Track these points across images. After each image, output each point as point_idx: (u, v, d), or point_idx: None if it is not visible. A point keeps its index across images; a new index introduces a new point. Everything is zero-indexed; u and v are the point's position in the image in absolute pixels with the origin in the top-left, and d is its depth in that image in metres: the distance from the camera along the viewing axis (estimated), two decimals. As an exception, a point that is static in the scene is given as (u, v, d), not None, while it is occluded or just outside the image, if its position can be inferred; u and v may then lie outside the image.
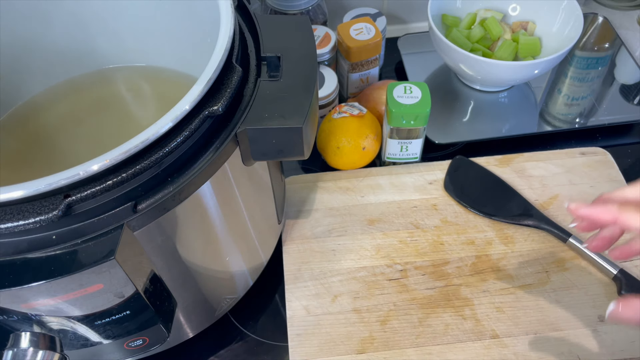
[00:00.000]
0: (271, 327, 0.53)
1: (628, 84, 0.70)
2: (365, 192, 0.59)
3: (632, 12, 0.79)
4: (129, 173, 0.32)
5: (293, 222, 0.57)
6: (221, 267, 0.46)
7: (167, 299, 0.40)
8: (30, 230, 0.31)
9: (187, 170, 0.35)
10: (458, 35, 0.66)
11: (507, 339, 0.48)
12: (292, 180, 0.60)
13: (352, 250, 0.55)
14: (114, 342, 0.39)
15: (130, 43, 0.53)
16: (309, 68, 0.40)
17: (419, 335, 0.49)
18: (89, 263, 0.31)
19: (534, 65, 0.60)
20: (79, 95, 0.53)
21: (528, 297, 0.51)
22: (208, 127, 0.36)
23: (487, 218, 0.57)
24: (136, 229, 0.34)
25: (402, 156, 0.61)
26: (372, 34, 0.62)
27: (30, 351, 0.34)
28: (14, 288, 0.30)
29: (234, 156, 0.38)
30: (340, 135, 0.59)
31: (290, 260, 0.54)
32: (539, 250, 0.54)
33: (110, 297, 0.34)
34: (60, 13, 0.49)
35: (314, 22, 0.67)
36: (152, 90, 0.54)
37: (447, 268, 0.53)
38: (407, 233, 0.56)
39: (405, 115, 0.55)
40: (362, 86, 0.68)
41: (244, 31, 0.42)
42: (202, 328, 0.49)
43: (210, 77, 0.34)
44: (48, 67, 0.52)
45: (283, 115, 0.37)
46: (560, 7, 0.66)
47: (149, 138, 0.31)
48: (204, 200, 0.38)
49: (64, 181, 0.29)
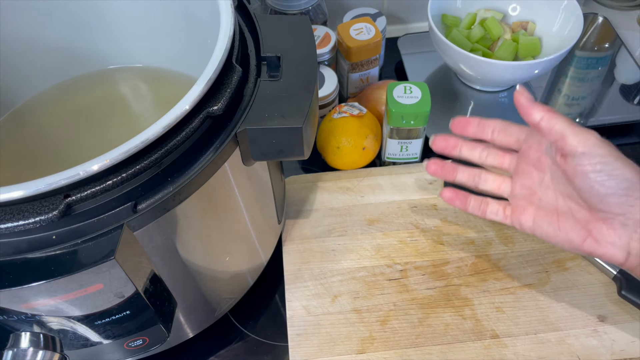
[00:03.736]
0: (271, 327, 0.53)
1: (628, 84, 0.70)
2: (365, 192, 0.59)
3: (632, 12, 0.79)
4: (129, 173, 0.32)
5: (293, 222, 0.57)
6: (221, 267, 0.46)
7: (167, 299, 0.40)
8: (30, 230, 0.31)
9: (187, 170, 0.35)
10: (458, 35, 0.66)
11: (507, 339, 0.48)
12: (292, 180, 0.60)
13: (352, 250, 0.55)
14: (114, 342, 0.39)
15: (130, 43, 0.53)
16: (309, 68, 0.40)
17: (419, 335, 0.49)
18: (89, 263, 0.31)
19: (534, 65, 0.60)
20: (79, 95, 0.53)
21: (528, 297, 0.51)
22: (208, 127, 0.36)
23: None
24: (136, 229, 0.34)
25: (402, 156, 0.61)
26: (372, 34, 0.62)
27: (30, 351, 0.34)
28: (14, 288, 0.30)
29: (234, 156, 0.38)
30: (340, 135, 0.59)
31: (290, 260, 0.54)
32: (539, 250, 0.54)
33: (110, 297, 0.34)
34: (60, 13, 0.49)
35: (314, 22, 0.67)
36: (151, 91, 0.54)
37: (447, 268, 0.53)
38: (407, 233, 0.56)
39: (405, 115, 0.55)
40: (362, 86, 0.68)
41: (244, 31, 0.42)
42: (202, 328, 0.49)
43: (210, 77, 0.34)
44: (48, 68, 0.52)
45: (283, 115, 0.37)
46: (560, 7, 0.66)
47: (149, 138, 0.31)
48: (203, 200, 0.38)
49: (64, 181, 0.29)
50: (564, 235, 0.41)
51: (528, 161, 0.44)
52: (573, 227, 0.40)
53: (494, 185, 0.47)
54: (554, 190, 0.42)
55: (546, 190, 0.42)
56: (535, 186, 0.43)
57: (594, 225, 0.39)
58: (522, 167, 0.44)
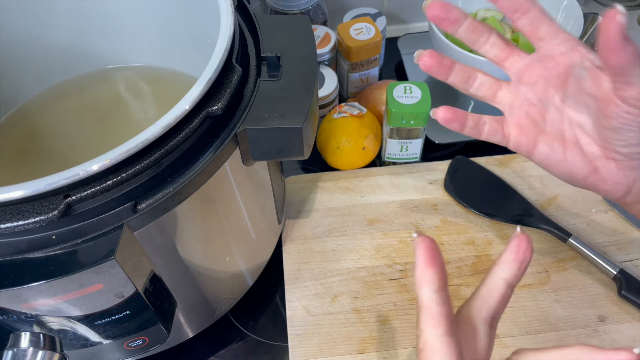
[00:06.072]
0: (271, 327, 0.53)
1: (628, 84, 0.70)
2: (365, 192, 0.59)
3: (632, 12, 0.79)
4: (129, 173, 0.32)
5: (293, 222, 0.57)
6: (221, 267, 0.46)
7: (167, 299, 0.40)
8: (30, 230, 0.31)
9: (187, 170, 0.35)
10: (458, 35, 0.66)
11: (507, 339, 0.48)
12: (292, 180, 0.60)
13: (352, 250, 0.55)
14: (114, 342, 0.39)
15: (130, 43, 0.53)
16: (309, 68, 0.40)
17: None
18: (88, 263, 0.31)
19: (534, 65, 0.60)
20: (79, 95, 0.53)
21: (528, 297, 0.51)
22: (208, 127, 0.36)
23: (487, 218, 0.57)
24: (136, 229, 0.34)
25: (402, 156, 0.61)
26: (372, 34, 0.62)
27: (30, 351, 0.34)
28: (14, 288, 0.30)
29: (234, 156, 0.38)
30: (340, 135, 0.59)
31: (290, 260, 0.54)
32: (539, 250, 0.54)
33: (110, 297, 0.34)
34: (60, 13, 0.49)
35: (314, 22, 0.67)
36: (151, 90, 0.54)
37: (447, 268, 0.53)
38: (407, 233, 0.56)
39: (405, 115, 0.55)
40: (362, 86, 0.68)
41: (244, 31, 0.42)
42: (202, 328, 0.49)
43: (210, 77, 0.34)
44: (48, 67, 0.52)
45: (283, 115, 0.37)
46: (560, 7, 0.66)
47: (148, 138, 0.31)
48: (203, 200, 0.38)
49: (63, 181, 0.29)
50: (567, 166, 0.37)
51: (542, 71, 0.37)
52: (580, 159, 0.37)
53: (489, 92, 0.40)
54: (564, 114, 0.37)
55: (554, 111, 0.37)
56: (542, 103, 0.38)
57: (603, 163, 0.36)
58: (531, 75, 0.38)
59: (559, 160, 0.38)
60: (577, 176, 0.37)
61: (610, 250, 0.54)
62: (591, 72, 0.34)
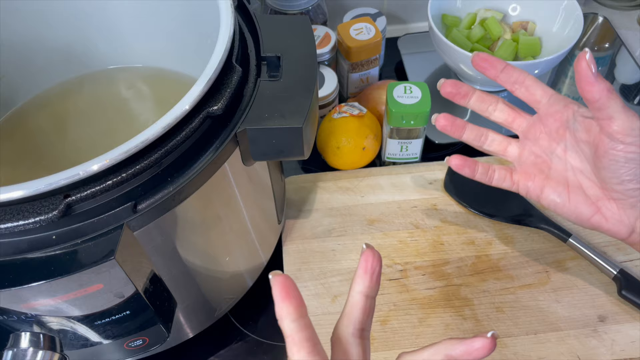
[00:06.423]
0: (271, 327, 0.53)
1: (628, 84, 0.70)
2: (365, 192, 0.59)
3: (632, 12, 0.79)
4: (129, 173, 0.32)
5: (293, 222, 0.57)
6: (221, 267, 0.46)
7: (167, 299, 0.40)
8: (30, 230, 0.31)
9: (187, 170, 0.35)
10: (458, 35, 0.66)
11: (507, 339, 0.48)
12: (292, 180, 0.60)
13: (352, 250, 0.55)
14: (114, 342, 0.39)
15: (130, 43, 0.53)
16: (309, 68, 0.40)
17: (419, 335, 0.49)
18: (88, 263, 0.31)
19: (534, 65, 0.60)
20: (79, 95, 0.53)
21: (528, 297, 0.51)
22: (208, 127, 0.36)
23: (487, 218, 0.57)
24: (136, 229, 0.34)
25: (402, 156, 0.61)
26: (372, 34, 0.62)
27: (30, 351, 0.34)
28: (14, 288, 0.30)
29: (234, 156, 0.38)
30: (340, 135, 0.59)
31: (290, 260, 0.54)
32: (539, 250, 0.54)
33: (110, 297, 0.34)
34: (60, 13, 0.49)
35: (314, 22, 0.67)
36: (151, 91, 0.54)
37: (447, 268, 0.53)
38: (407, 233, 0.56)
39: (405, 115, 0.55)
40: (362, 86, 0.68)
41: (244, 31, 0.42)
42: (202, 328, 0.49)
43: (210, 77, 0.34)
44: (48, 68, 0.52)
45: (283, 115, 0.37)
46: (560, 7, 0.66)
47: (149, 138, 0.31)
48: (203, 200, 0.38)
49: (63, 181, 0.29)
50: (572, 208, 0.42)
51: (543, 128, 0.43)
52: (583, 201, 0.41)
53: (500, 147, 0.46)
54: (566, 162, 0.42)
55: (558, 160, 0.42)
56: (546, 154, 0.43)
57: (604, 203, 0.40)
58: (535, 132, 0.43)
59: (565, 202, 0.42)
60: (582, 216, 0.41)
61: (610, 250, 0.54)
62: (582, 123, 0.39)
